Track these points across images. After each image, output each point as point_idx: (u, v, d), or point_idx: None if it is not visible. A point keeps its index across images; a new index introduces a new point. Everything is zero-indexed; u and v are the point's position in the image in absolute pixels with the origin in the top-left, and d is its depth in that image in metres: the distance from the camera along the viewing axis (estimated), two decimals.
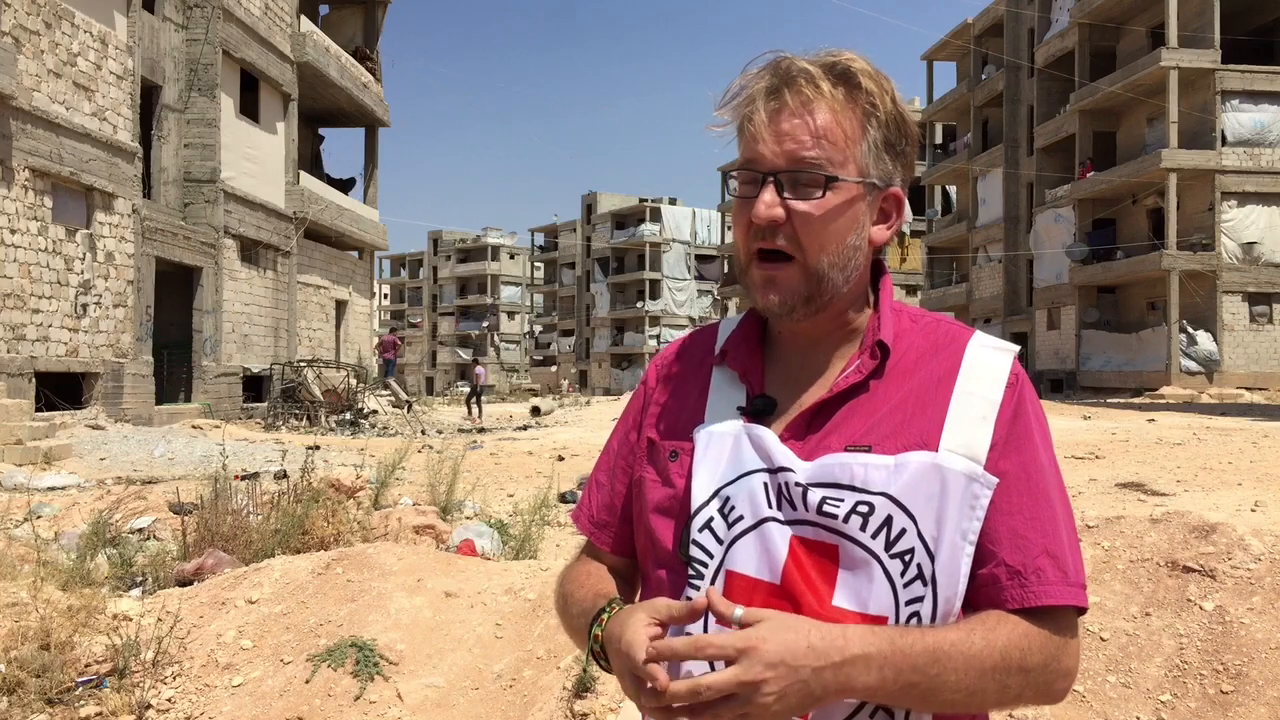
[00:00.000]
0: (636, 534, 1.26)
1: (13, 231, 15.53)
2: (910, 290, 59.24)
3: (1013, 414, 1.14)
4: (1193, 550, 4.04)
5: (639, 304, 78.83)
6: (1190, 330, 32.03)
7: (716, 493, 1.15)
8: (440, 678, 3.96)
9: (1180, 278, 31.77)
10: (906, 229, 55.65)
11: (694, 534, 1.14)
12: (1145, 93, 33.46)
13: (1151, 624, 3.77)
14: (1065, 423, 20.53)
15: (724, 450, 1.16)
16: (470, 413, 31.34)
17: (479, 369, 36.87)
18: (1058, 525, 1.12)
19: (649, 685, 1.02)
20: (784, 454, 1.13)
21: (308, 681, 3.90)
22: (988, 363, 1.16)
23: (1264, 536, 4.12)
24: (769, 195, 1.13)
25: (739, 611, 1.02)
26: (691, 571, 1.15)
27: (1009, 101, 42.34)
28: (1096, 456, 13.14)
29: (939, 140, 52.11)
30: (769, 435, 1.15)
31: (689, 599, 1.12)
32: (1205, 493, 9.13)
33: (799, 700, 0.99)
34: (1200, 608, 3.76)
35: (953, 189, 51.92)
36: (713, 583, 1.13)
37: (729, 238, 53.32)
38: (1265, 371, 31.96)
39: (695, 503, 1.15)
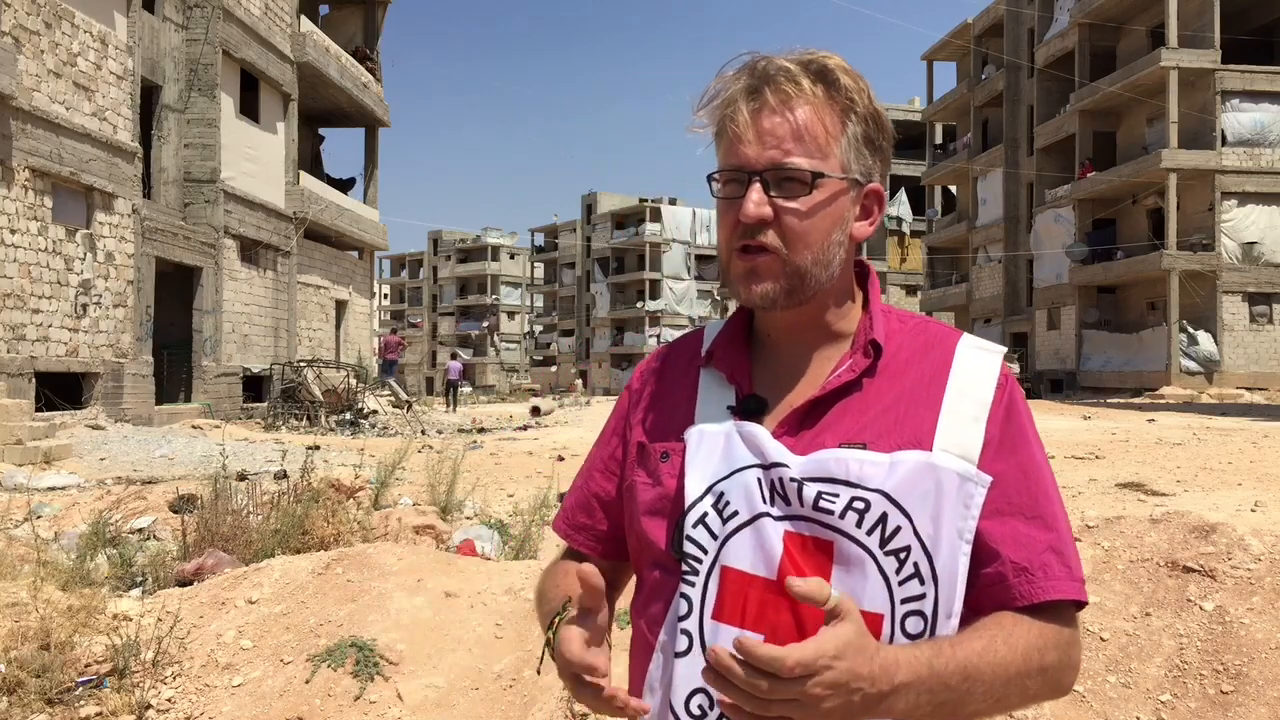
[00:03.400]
0: (629, 538, 1.26)
1: (13, 231, 15.53)
2: (910, 290, 59.19)
3: (1005, 415, 1.16)
4: (1193, 550, 4.04)
5: (639, 304, 78.80)
6: (1190, 330, 32.03)
7: (710, 489, 1.14)
8: (440, 678, 3.96)
9: (1180, 278, 31.77)
10: (906, 229, 55.65)
11: (688, 530, 1.14)
12: (1145, 93, 33.46)
13: (1151, 624, 3.77)
14: (1065, 423, 20.52)
15: (716, 448, 1.16)
16: (449, 406, 31.55)
17: (451, 363, 36.16)
18: (1059, 523, 1.14)
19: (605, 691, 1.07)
20: (778, 449, 1.13)
21: (308, 681, 3.90)
22: (978, 364, 1.18)
23: (1264, 536, 4.12)
24: (756, 194, 1.13)
25: (833, 600, 0.98)
26: (685, 568, 1.14)
27: (1009, 101, 42.34)
28: (1096, 456, 13.13)
29: (939, 140, 52.06)
30: (761, 431, 1.15)
31: (684, 596, 1.12)
32: (1205, 493, 9.13)
33: (841, 714, 0.98)
34: (1200, 608, 3.76)
35: (953, 189, 51.90)
36: (707, 579, 1.12)
37: None
38: (1265, 371, 31.97)
39: (689, 499, 1.15)
